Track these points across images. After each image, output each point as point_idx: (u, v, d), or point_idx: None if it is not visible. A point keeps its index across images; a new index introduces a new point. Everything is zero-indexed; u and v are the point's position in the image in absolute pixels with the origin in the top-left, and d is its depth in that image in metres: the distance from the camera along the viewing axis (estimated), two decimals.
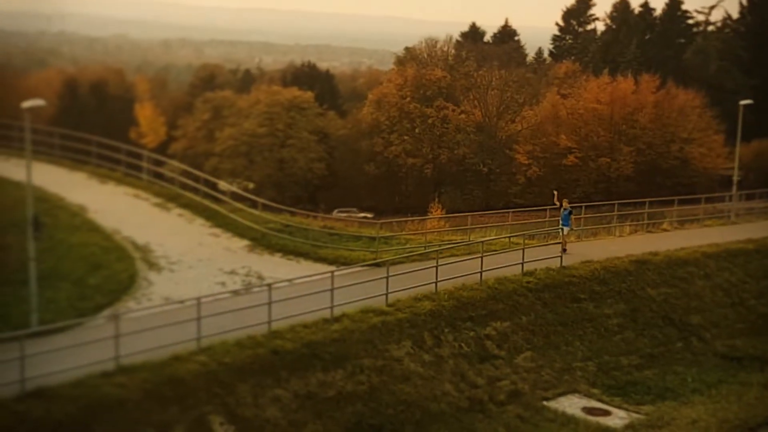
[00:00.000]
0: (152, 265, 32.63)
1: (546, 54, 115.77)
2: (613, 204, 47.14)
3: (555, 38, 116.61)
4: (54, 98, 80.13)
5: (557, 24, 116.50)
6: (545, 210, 43.51)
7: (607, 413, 26.93)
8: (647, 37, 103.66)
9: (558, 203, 36.59)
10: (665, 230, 44.45)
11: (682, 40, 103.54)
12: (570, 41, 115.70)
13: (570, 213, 35.97)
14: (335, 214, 75.95)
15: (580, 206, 45.30)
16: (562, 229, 36.08)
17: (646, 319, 33.65)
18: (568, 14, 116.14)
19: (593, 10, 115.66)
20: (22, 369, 20.07)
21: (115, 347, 21.83)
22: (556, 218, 37.25)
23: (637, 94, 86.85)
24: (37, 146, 40.93)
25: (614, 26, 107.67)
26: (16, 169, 40.12)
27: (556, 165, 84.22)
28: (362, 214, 76.26)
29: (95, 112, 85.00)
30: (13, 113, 38.98)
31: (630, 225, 44.20)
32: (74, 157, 48.34)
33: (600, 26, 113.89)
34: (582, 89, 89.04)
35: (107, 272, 31.23)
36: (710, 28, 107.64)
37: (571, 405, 27.44)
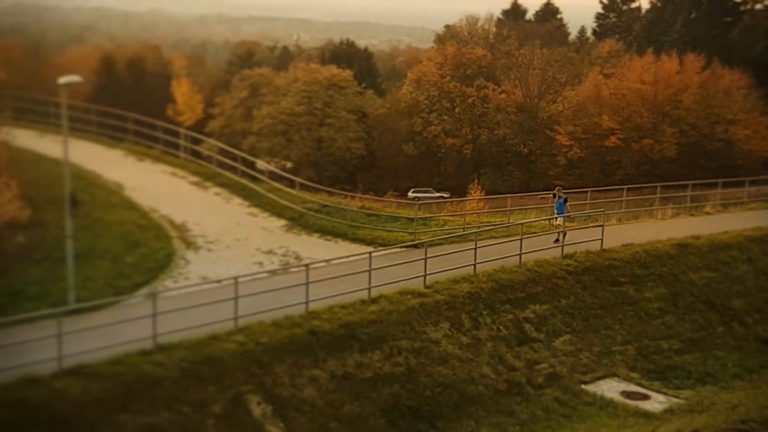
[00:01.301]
0: (190, 244, 32.66)
1: (589, 33, 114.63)
2: (656, 186, 46.51)
3: (598, 16, 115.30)
4: (91, 75, 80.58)
5: (601, 2, 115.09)
6: (586, 192, 43.05)
7: (646, 397, 26.66)
8: (693, 15, 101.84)
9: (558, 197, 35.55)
10: (708, 213, 43.85)
11: (729, 19, 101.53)
12: (614, 19, 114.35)
13: (565, 201, 35.02)
14: (410, 194, 75.91)
15: (621, 188, 44.80)
16: (557, 217, 34.98)
17: (687, 303, 33.20)
18: None
19: None
20: (60, 346, 20.12)
21: (152, 325, 21.83)
22: (598, 201, 36.89)
23: (682, 74, 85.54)
24: (74, 123, 41.09)
25: (659, 4, 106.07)
26: (53, 145, 40.36)
27: (597, 146, 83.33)
28: (438, 194, 76.11)
29: (132, 89, 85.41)
30: (49, 89, 39.16)
31: (672, 208, 43.64)
32: (111, 134, 48.55)
33: (645, 4, 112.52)
34: (625, 69, 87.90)
35: (144, 250, 31.30)
36: (758, 6, 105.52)
37: (610, 389, 27.18)
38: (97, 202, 36.19)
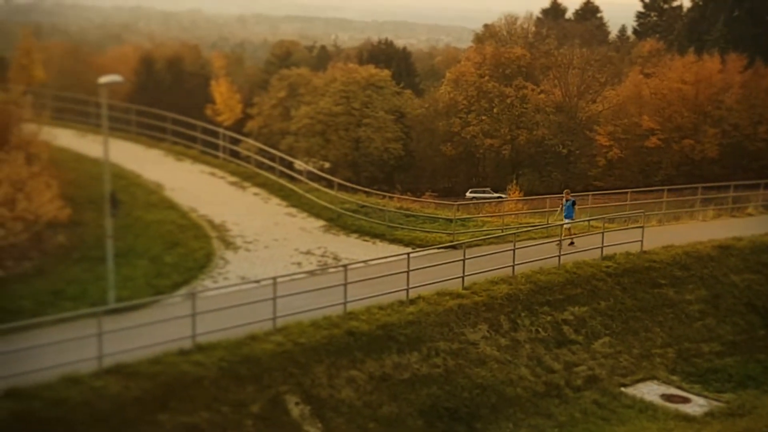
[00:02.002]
0: (228, 244, 32.78)
1: (629, 32, 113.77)
2: (697, 187, 45.99)
3: (639, 15, 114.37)
4: (130, 74, 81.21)
5: (642, 0, 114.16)
6: (626, 193, 42.67)
7: (686, 400, 26.41)
8: (735, 14, 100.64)
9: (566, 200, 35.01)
10: (750, 215, 43.29)
11: None
12: (655, 18, 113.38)
13: (573, 204, 34.52)
14: (468, 194, 75.84)
15: (662, 189, 44.37)
16: (564, 221, 34.19)
17: (729, 305, 32.82)
18: None
19: None
20: (100, 345, 20.28)
21: (192, 325, 21.94)
22: (638, 202, 36.54)
23: (724, 73, 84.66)
24: (114, 123, 41.43)
25: (701, 3, 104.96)
26: (93, 145, 40.70)
27: (637, 147, 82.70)
28: (497, 195, 75.95)
29: (171, 88, 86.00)
30: (89, 89, 39.48)
31: (713, 209, 43.16)
32: (150, 134, 48.86)
33: (686, 2, 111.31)
34: (666, 68, 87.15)
35: (184, 250, 31.45)
36: None
37: (650, 392, 26.96)
38: (136, 202, 36.43)
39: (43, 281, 27.54)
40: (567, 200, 34.29)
